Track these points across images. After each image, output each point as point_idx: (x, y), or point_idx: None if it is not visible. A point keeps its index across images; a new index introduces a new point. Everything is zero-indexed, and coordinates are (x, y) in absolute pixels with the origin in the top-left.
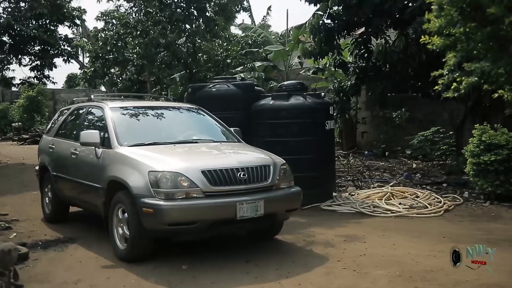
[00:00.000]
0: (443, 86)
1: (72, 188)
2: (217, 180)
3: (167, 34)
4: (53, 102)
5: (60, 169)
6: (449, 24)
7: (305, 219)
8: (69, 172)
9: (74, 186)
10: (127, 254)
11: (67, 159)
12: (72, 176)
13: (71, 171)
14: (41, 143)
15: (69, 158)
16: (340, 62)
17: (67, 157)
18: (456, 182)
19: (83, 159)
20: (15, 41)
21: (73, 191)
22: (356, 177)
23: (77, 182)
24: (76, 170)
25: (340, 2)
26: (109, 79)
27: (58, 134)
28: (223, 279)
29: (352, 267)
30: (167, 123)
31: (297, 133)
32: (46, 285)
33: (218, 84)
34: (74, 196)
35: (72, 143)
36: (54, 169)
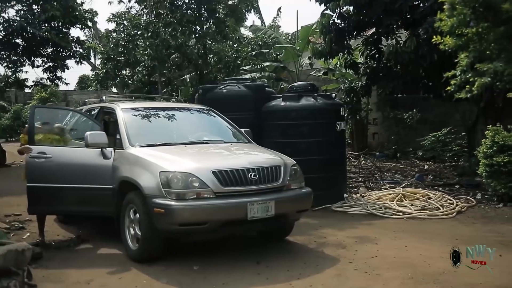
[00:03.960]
0: (455, 86)
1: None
2: (228, 180)
3: (177, 35)
4: (65, 103)
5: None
6: (461, 24)
7: (316, 221)
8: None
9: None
10: (139, 254)
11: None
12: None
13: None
14: None
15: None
16: (351, 62)
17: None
18: (468, 184)
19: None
20: (28, 43)
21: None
22: (367, 178)
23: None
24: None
25: (351, 2)
26: (121, 80)
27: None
28: (234, 280)
29: (364, 269)
30: (178, 124)
31: (308, 134)
32: (59, 284)
33: (229, 85)
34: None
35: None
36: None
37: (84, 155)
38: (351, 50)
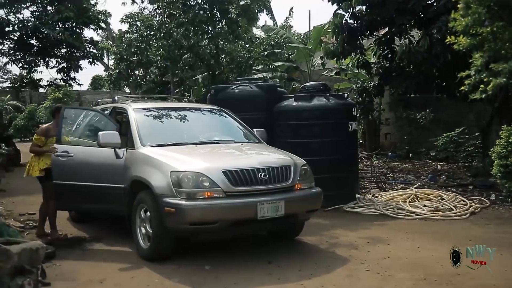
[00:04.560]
0: (469, 87)
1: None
2: (238, 180)
3: (190, 36)
4: (79, 103)
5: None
6: (475, 23)
7: (328, 221)
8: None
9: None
10: (150, 253)
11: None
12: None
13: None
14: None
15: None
16: (363, 62)
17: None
18: (482, 184)
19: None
20: (43, 44)
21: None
22: (379, 178)
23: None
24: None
25: (364, 1)
26: (133, 81)
27: (82, 135)
28: (245, 280)
29: (376, 270)
30: (189, 124)
31: (320, 134)
32: (72, 283)
33: (241, 85)
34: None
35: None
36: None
37: (100, 155)
38: (364, 50)
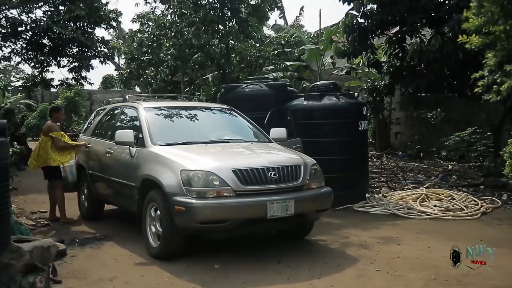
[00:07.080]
0: (483, 88)
1: (107, 186)
2: (248, 179)
3: (200, 35)
4: (90, 102)
5: (96, 168)
6: (489, 22)
7: (338, 220)
8: (104, 171)
9: (109, 184)
10: (160, 251)
11: (102, 158)
12: (107, 174)
13: (106, 170)
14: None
15: (104, 157)
16: (374, 61)
17: (103, 156)
18: (494, 184)
19: (118, 158)
20: (54, 43)
21: (108, 189)
22: (389, 178)
23: (112, 181)
24: (111, 169)
25: (375, 0)
26: (144, 80)
27: (94, 134)
28: (255, 279)
29: (386, 270)
30: (199, 123)
31: (330, 133)
32: (83, 281)
33: (251, 84)
34: (109, 194)
35: (108, 142)
36: (90, 167)
37: (118, 151)
38: (375, 49)
